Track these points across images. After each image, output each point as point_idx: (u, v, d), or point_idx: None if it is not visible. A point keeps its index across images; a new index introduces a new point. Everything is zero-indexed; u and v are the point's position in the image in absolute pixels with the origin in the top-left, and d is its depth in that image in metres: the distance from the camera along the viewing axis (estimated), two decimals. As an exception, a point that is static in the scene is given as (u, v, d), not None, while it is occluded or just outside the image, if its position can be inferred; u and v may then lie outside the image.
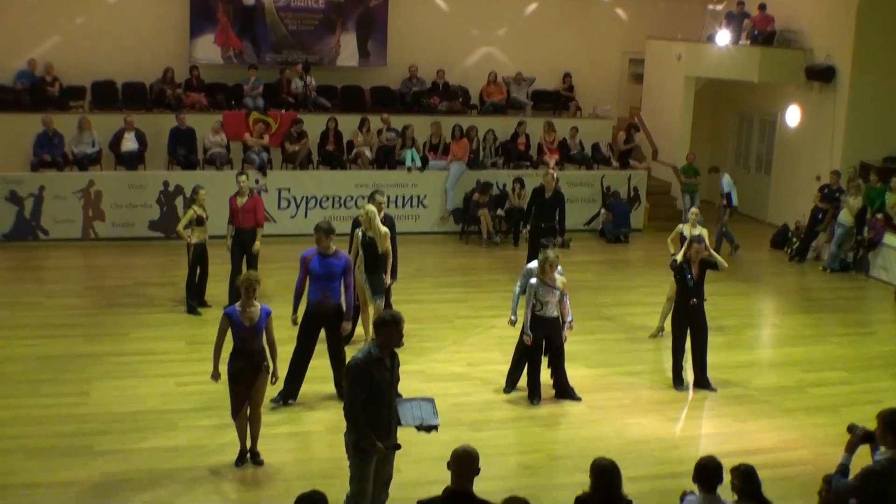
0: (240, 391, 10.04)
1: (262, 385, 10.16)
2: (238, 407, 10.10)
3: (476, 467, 6.81)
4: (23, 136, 19.90)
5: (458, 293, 17.22)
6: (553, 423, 11.83)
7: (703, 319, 12.84)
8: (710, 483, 7.54)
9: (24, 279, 17.57)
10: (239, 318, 9.93)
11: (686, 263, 12.72)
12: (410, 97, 23.52)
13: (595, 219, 22.47)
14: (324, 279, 11.68)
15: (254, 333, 9.97)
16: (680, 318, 12.80)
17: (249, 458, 10.32)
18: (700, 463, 7.60)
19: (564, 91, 25.03)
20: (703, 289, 12.79)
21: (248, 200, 15.32)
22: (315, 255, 11.74)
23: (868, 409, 11.62)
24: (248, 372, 10.00)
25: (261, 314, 10.00)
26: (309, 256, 11.75)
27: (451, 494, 6.69)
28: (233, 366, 10.03)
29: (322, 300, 11.72)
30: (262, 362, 10.11)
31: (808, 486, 9.41)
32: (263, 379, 10.15)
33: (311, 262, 11.70)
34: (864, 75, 20.47)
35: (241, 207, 15.23)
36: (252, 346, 10.00)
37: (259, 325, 9.98)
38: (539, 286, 11.92)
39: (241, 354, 10.01)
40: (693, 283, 12.60)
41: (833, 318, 16.55)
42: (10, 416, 11.27)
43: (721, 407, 12.49)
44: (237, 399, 10.07)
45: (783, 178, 23.31)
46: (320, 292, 11.71)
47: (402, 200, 21.25)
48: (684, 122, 24.04)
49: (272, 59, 23.15)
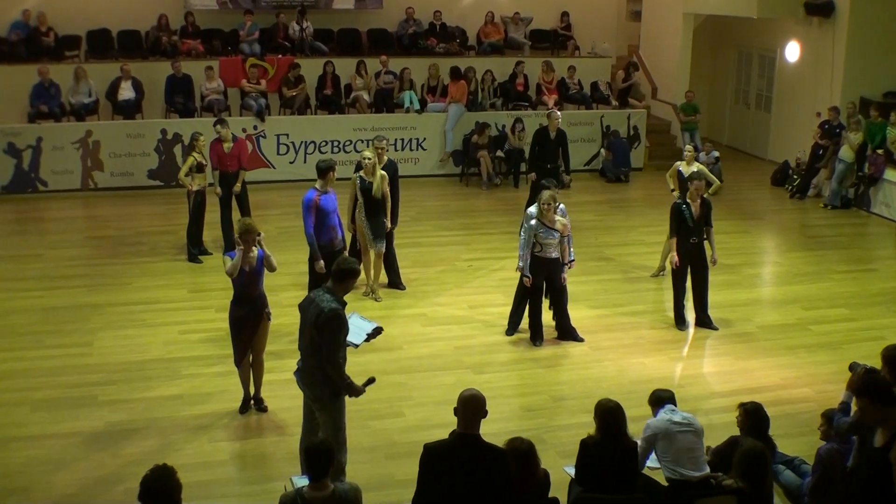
0: (242, 338, 10.04)
1: (263, 331, 10.17)
2: (241, 354, 10.11)
3: (483, 411, 6.82)
4: (19, 87, 19.78)
5: (458, 236, 17.19)
6: (555, 364, 11.86)
7: (704, 258, 12.81)
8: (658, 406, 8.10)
9: (25, 231, 17.57)
10: (241, 264, 9.86)
11: (685, 202, 12.66)
12: (407, 39, 23.34)
13: (595, 158, 22.40)
14: (333, 214, 11.99)
15: (253, 279, 9.93)
16: (681, 257, 12.77)
17: (253, 405, 10.37)
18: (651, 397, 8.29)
19: (562, 30, 24.84)
20: (704, 228, 12.73)
21: (234, 145, 15.39)
22: (319, 194, 11.91)
23: (870, 346, 11.72)
24: (250, 318, 9.99)
25: (258, 259, 9.94)
26: (315, 198, 11.88)
27: (458, 438, 6.72)
28: (234, 313, 10.01)
29: (333, 238, 12.08)
30: (264, 308, 10.09)
31: (810, 424, 9.49)
32: (265, 325, 10.15)
33: (322, 201, 11.89)
34: (864, 10, 20.25)
35: (229, 153, 15.25)
36: (253, 292, 9.97)
37: (258, 268, 9.95)
38: (539, 227, 11.87)
39: (242, 301, 9.98)
40: (693, 222, 12.57)
41: (834, 255, 16.53)
42: (14, 369, 11.32)
43: (722, 346, 12.52)
44: (240, 346, 10.08)
45: (783, 115, 23.20)
46: (331, 230, 12.02)
47: (402, 143, 21.17)
48: (683, 59, 23.89)
49: (268, 3, 22.94)
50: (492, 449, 6.74)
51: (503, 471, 6.71)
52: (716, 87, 26.10)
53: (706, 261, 12.84)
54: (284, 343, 11.55)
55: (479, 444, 6.73)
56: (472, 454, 6.67)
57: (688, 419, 7.88)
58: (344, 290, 8.13)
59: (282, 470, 8.85)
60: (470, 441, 6.70)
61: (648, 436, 7.83)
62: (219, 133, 15.24)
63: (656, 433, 7.79)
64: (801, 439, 9.52)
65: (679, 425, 7.79)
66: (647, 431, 7.85)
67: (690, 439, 7.76)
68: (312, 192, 11.94)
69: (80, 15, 21.73)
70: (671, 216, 12.81)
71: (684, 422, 7.82)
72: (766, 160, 23.47)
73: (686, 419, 7.86)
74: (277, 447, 9.66)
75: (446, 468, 6.62)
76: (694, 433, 7.78)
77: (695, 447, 7.76)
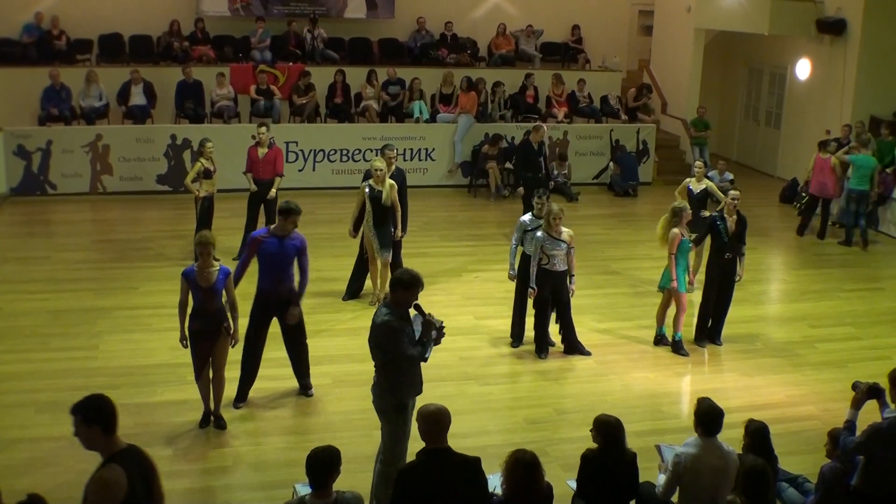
0: (200, 351, 9.82)
1: (223, 346, 9.91)
2: (199, 367, 9.89)
3: (446, 422, 6.71)
4: (30, 90, 19.87)
5: (466, 247, 17.19)
6: (560, 377, 11.85)
7: (734, 275, 12.71)
8: (709, 428, 7.39)
9: (33, 234, 17.61)
10: (196, 279, 9.66)
11: (721, 217, 12.63)
12: (418, 49, 23.40)
13: (603, 172, 22.41)
14: (280, 263, 10.46)
15: (211, 294, 9.67)
16: (712, 271, 12.70)
17: (213, 421, 10.15)
18: (699, 408, 7.45)
19: (573, 43, 24.90)
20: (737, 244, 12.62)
21: (269, 151, 15.39)
22: (269, 236, 10.50)
23: (876, 364, 11.71)
24: (207, 332, 9.77)
25: (218, 275, 9.69)
26: (260, 238, 10.54)
27: (429, 455, 6.63)
28: (192, 326, 9.80)
29: (276, 286, 10.52)
30: (222, 322, 9.81)
31: (815, 442, 9.46)
32: (224, 340, 9.89)
33: (265, 244, 10.45)
34: (876, 28, 20.25)
35: (262, 158, 15.28)
36: (210, 307, 9.72)
37: (216, 286, 9.67)
38: (546, 239, 11.82)
39: (200, 315, 9.74)
40: (728, 237, 12.49)
41: (842, 273, 16.51)
42: (20, 371, 11.34)
43: (728, 362, 12.51)
44: (198, 359, 9.85)
45: (793, 133, 23.18)
46: (274, 278, 10.49)
47: (411, 154, 21.19)
48: (694, 75, 23.91)
49: (279, 11, 23.03)
50: (465, 459, 6.68)
51: (479, 479, 6.69)
52: (725, 103, 26.11)
53: (734, 278, 12.77)
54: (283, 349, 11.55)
55: (450, 457, 6.67)
56: (445, 468, 6.61)
57: (724, 458, 7.33)
58: (398, 302, 7.98)
59: (287, 477, 8.83)
60: (441, 455, 6.65)
61: (679, 471, 7.33)
62: (257, 136, 15.37)
63: (686, 470, 7.32)
64: (805, 457, 9.48)
65: (712, 468, 7.29)
66: (678, 466, 7.32)
67: (718, 482, 7.32)
68: (262, 231, 10.81)
69: (93, 19, 21.84)
70: (703, 229, 12.84)
71: (719, 463, 7.30)
72: (775, 177, 23.46)
73: (722, 459, 7.32)
74: (282, 454, 9.63)
75: (422, 487, 6.54)
76: (724, 476, 7.30)
77: (720, 487, 7.31)
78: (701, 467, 7.29)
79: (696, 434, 7.42)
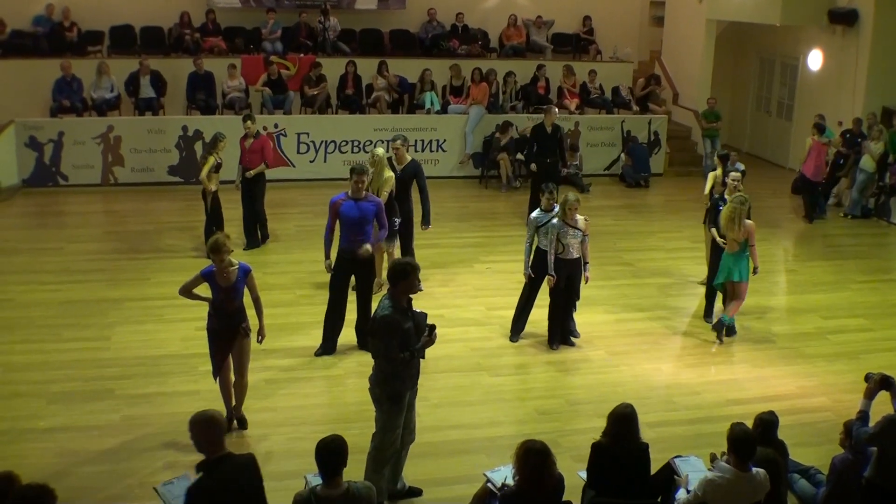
0: (219, 349, 9.63)
1: (243, 348, 9.69)
2: (219, 366, 9.70)
3: (223, 427, 6.67)
4: (41, 81, 19.90)
5: (477, 238, 17.18)
6: (572, 368, 11.83)
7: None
8: (743, 455, 7.07)
9: (45, 225, 17.64)
10: (215, 279, 9.43)
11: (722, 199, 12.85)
12: (429, 40, 23.37)
13: (615, 163, 22.37)
14: (357, 224, 11.29)
15: (231, 294, 9.43)
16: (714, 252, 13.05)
17: (236, 423, 9.97)
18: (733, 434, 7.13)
19: (584, 34, 24.85)
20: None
21: (255, 141, 15.50)
22: (346, 199, 11.30)
23: (888, 356, 11.69)
24: (224, 332, 9.58)
25: (238, 273, 9.46)
26: (339, 202, 11.29)
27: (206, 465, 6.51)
28: (211, 325, 9.63)
29: (353, 247, 11.34)
30: (241, 323, 9.58)
31: (827, 433, 9.45)
32: (245, 341, 9.68)
33: (343, 207, 11.25)
34: (888, 19, 20.13)
35: (249, 148, 15.43)
36: (229, 307, 9.50)
37: (237, 285, 9.43)
38: (561, 227, 11.82)
39: (219, 314, 9.53)
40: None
41: (853, 264, 16.45)
42: (32, 361, 11.37)
43: (740, 353, 12.47)
44: (217, 357, 9.67)
45: (804, 123, 23.01)
46: (352, 238, 11.33)
47: (422, 145, 21.16)
48: (705, 65, 23.83)
49: (290, 2, 23.02)
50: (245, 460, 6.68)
51: (258, 476, 6.66)
52: (737, 94, 26.03)
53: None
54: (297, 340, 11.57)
55: (231, 460, 6.56)
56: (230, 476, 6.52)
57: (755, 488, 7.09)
58: (398, 293, 8.04)
59: (298, 467, 8.83)
60: (221, 462, 6.51)
61: (706, 499, 7.07)
62: (246, 130, 15.50)
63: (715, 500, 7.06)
64: (817, 448, 9.46)
65: (742, 496, 7.07)
66: (707, 493, 7.06)
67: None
68: (340, 196, 11.42)
69: (104, 10, 21.88)
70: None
71: (750, 492, 7.08)
72: (787, 168, 23.38)
73: (753, 488, 7.08)
74: (294, 444, 9.63)
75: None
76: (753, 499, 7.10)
77: None
78: (731, 498, 7.06)
79: (730, 460, 7.12)
